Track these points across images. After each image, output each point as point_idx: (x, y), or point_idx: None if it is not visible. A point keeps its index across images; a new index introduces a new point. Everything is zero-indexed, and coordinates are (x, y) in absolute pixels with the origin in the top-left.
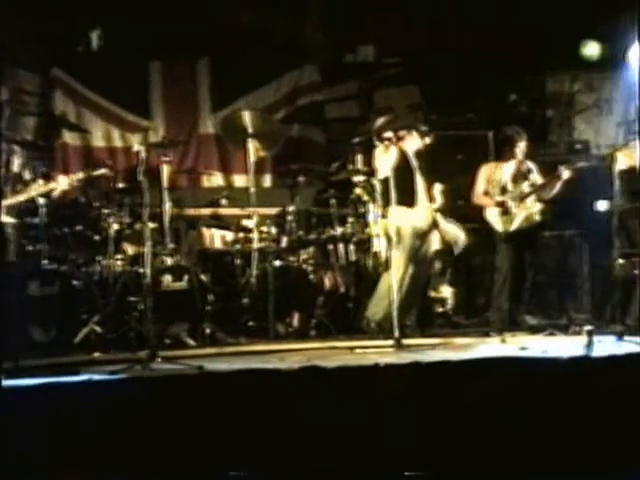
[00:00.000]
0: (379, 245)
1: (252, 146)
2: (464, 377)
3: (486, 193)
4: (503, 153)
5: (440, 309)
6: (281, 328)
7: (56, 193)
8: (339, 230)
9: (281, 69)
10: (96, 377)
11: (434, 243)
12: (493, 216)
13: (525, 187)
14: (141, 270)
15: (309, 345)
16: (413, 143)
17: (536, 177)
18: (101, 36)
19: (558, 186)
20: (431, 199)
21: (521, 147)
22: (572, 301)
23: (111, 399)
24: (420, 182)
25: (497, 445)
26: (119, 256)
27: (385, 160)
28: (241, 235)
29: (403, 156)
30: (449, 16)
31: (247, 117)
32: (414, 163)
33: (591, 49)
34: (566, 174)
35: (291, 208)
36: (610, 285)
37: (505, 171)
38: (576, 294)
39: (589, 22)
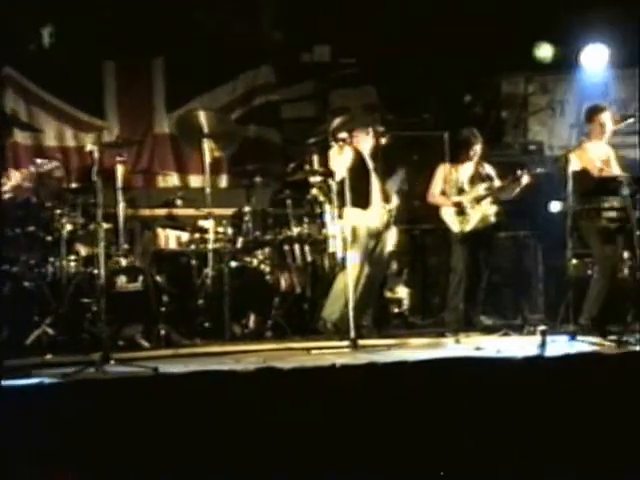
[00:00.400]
0: (335, 246)
1: (208, 146)
2: (420, 377)
3: (443, 193)
4: (459, 154)
5: (396, 310)
6: (237, 329)
7: (7, 190)
8: (295, 231)
9: (237, 69)
10: (48, 380)
11: (389, 243)
12: (449, 216)
13: (482, 189)
14: (95, 271)
15: (265, 346)
16: (368, 143)
17: (494, 179)
18: (53, 34)
19: (516, 190)
20: (386, 199)
21: (476, 149)
22: (526, 301)
23: (63, 402)
24: (375, 182)
25: (453, 445)
26: (72, 257)
27: (340, 160)
28: (197, 236)
29: (358, 156)
30: (405, 17)
31: (202, 117)
32: (369, 163)
33: (545, 51)
34: (525, 179)
35: (247, 209)
36: (563, 285)
37: (462, 172)
38: (530, 294)
39: (543, 24)
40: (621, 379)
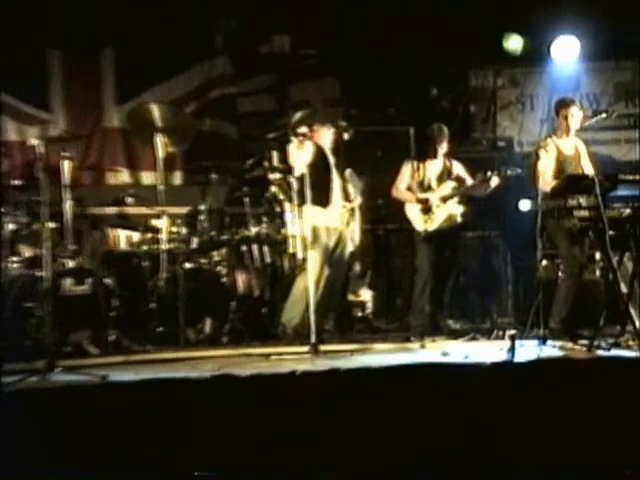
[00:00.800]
0: (295, 246)
1: (160, 141)
2: (384, 384)
3: (409, 189)
4: (425, 151)
5: (359, 313)
6: (192, 334)
7: None
8: (253, 230)
9: (191, 60)
10: None
11: (350, 243)
12: (413, 213)
13: (449, 187)
14: (39, 273)
15: (222, 352)
16: (330, 139)
17: (462, 177)
18: None
19: (485, 191)
20: (347, 197)
21: (443, 145)
22: (495, 304)
23: (3, 413)
24: (336, 180)
25: (418, 454)
26: (15, 258)
27: (300, 156)
28: (149, 236)
29: (319, 152)
30: (370, 6)
31: (155, 110)
32: (330, 160)
33: (514, 43)
34: (495, 182)
35: (203, 207)
36: (533, 287)
37: (429, 169)
38: (499, 297)
39: (513, 15)
40: (592, 385)
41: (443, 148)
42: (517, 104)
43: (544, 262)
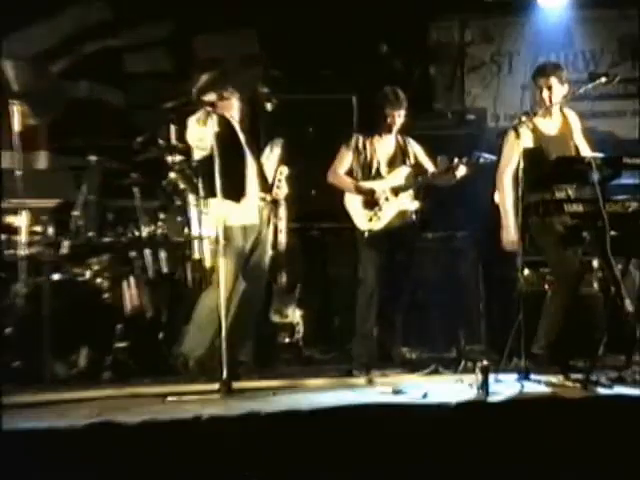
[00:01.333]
0: (201, 251)
1: (17, 110)
2: (318, 432)
3: (350, 174)
4: (373, 125)
5: (286, 339)
6: (61, 369)
7: None
8: (146, 231)
9: (59, 2)
10: None
11: (270, 247)
12: (354, 208)
13: (403, 174)
14: None
15: (102, 393)
16: (244, 110)
17: (420, 163)
18: None
19: (450, 181)
20: (269, 188)
21: (396, 118)
22: (463, 326)
23: None
24: (252, 165)
25: None
26: None
27: (203, 133)
28: (2, 237)
29: (229, 129)
30: None
31: (9, 69)
32: (243, 139)
33: None
34: (462, 171)
35: (77, 200)
36: (512, 304)
37: (379, 150)
38: (468, 317)
39: None
40: (587, 432)
41: (396, 121)
42: (491, 65)
43: (526, 271)
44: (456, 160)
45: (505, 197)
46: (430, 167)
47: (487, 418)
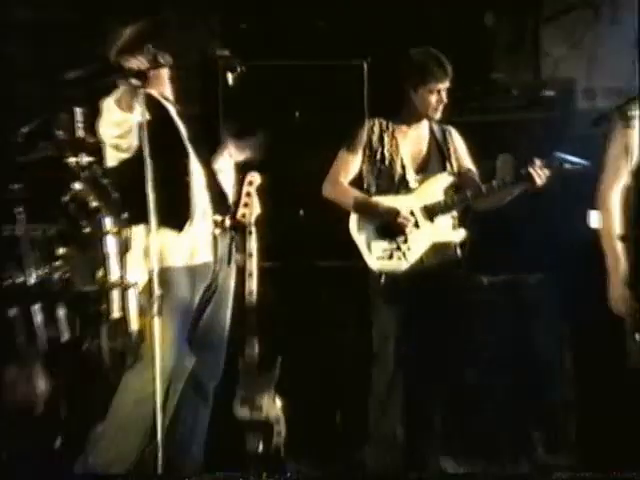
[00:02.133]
0: (124, 307)
1: None
2: None
3: (359, 184)
4: (394, 107)
5: (259, 445)
6: None
7: None
8: (35, 275)
9: None
10: None
11: (232, 299)
12: (367, 237)
13: (442, 186)
14: None
15: None
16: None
17: (467, 169)
18: None
19: (510, 196)
20: (229, 207)
21: (435, 95)
22: (539, 425)
23: None
24: (201, 172)
25: None
26: None
27: (125, 122)
28: None
29: (164, 115)
30: None
31: None
32: (185, 133)
33: None
34: (540, 181)
35: None
36: (616, 388)
37: (405, 146)
38: (548, 410)
39: None
40: None
41: (435, 102)
42: (583, 10)
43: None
44: (529, 167)
45: (611, 224)
46: (476, 174)
47: None
